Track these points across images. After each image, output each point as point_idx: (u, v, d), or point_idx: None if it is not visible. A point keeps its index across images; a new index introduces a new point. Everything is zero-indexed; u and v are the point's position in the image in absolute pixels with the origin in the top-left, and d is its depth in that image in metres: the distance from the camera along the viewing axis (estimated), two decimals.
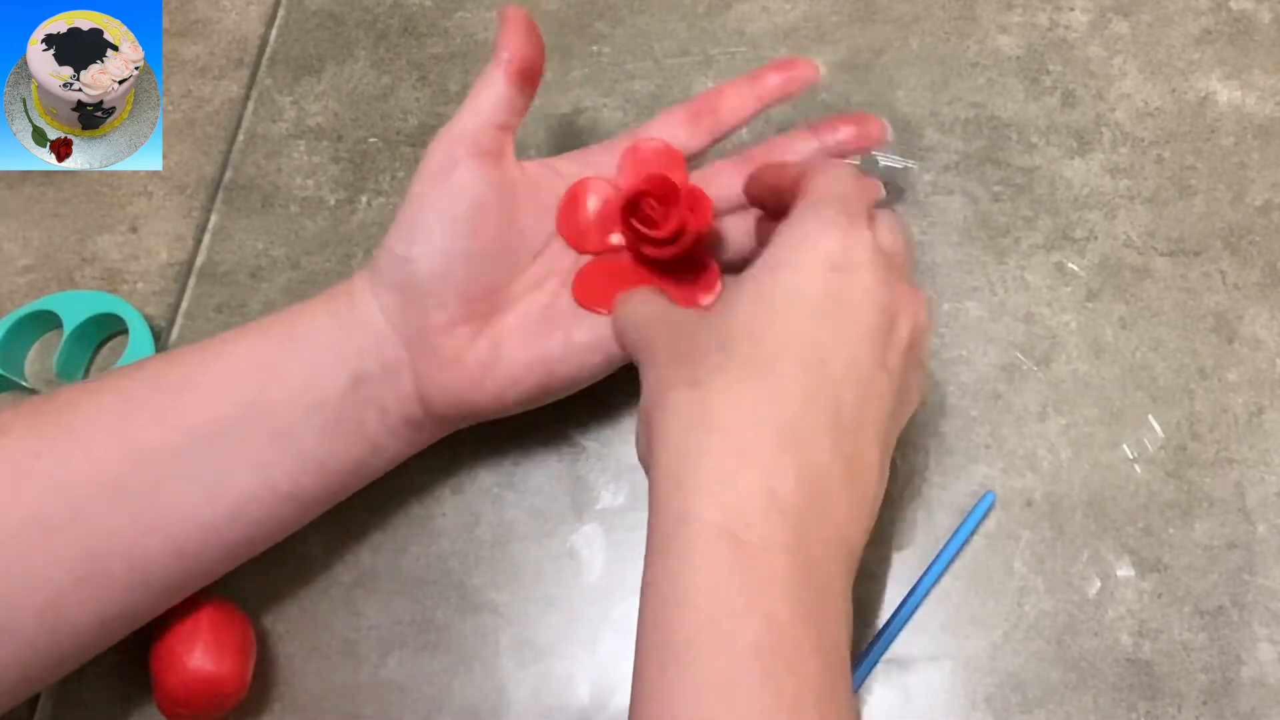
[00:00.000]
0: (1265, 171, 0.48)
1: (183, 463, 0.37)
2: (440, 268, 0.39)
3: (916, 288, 0.36)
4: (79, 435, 0.36)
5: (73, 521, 0.35)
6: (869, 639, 0.41)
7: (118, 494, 0.36)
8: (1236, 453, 0.43)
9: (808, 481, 0.31)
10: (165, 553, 0.37)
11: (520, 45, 0.40)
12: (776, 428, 0.31)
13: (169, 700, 0.39)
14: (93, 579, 0.36)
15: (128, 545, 0.36)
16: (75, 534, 0.35)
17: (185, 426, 0.37)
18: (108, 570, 0.36)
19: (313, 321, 0.39)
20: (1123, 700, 0.40)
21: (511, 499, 0.44)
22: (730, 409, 0.32)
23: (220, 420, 0.37)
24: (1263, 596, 0.41)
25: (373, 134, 0.52)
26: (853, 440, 0.32)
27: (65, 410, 0.37)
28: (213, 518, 0.37)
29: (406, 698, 0.41)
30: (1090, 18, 0.52)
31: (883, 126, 0.44)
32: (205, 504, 0.37)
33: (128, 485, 0.36)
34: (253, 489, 0.38)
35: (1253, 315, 0.46)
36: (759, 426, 0.31)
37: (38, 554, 0.35)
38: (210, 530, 0.38)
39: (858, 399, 0.32)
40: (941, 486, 0.43)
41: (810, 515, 0.31)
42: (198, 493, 0.37)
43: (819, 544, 0.31)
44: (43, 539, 0.35)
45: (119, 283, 0.50)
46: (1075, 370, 0.45)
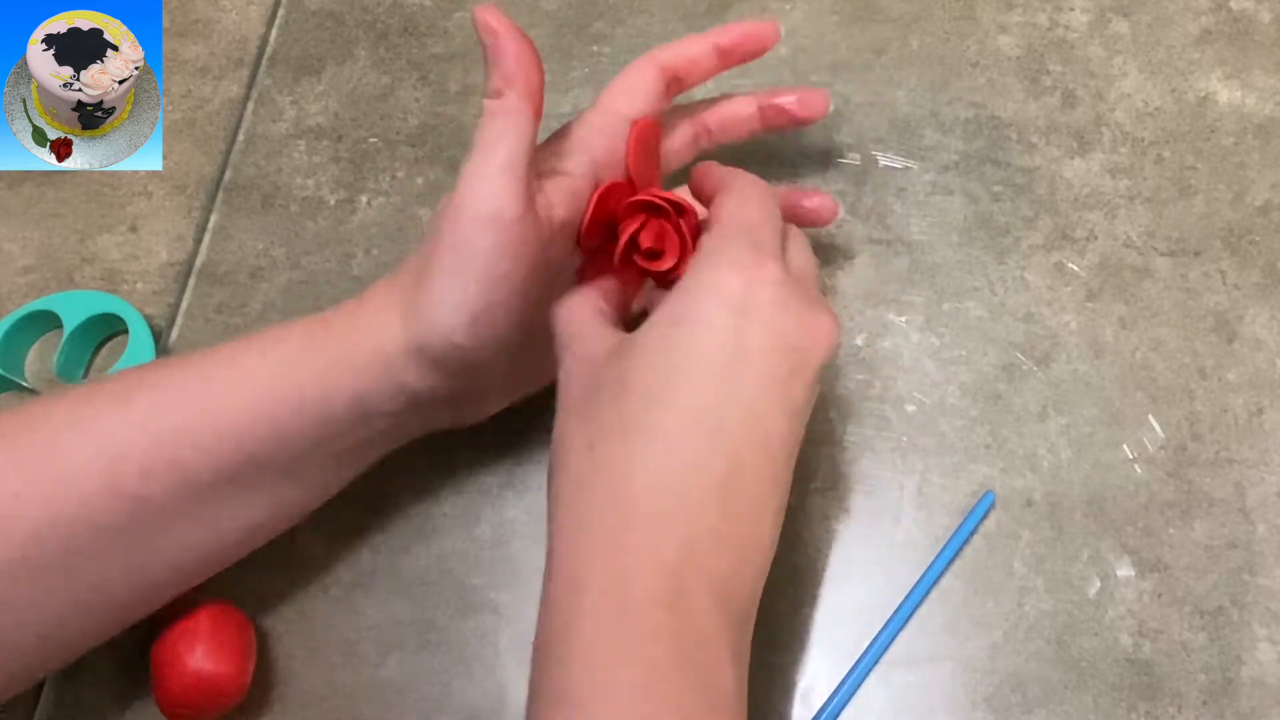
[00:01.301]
0: (1265, 171, 0.48)
1: (186, 506, 0.36)
2: (497, 359, 0.37)
3: (825, 307, 0.35)
4: (64, 476, 0.34)
5: (65, 563, 0.34)
6: (869, 639, 0.41)
7: (116, 538, 0.35)
8: (1236, 453, 0.43)
9: (691, 544, 0.31)
10: (169, 580, 0.37)
11: (529, 71, 0.36)
12: (663, 494, 0.31)
13: (169, 700, 0.39)
14: (95, 605, 0.35)
15: (129, 573, 0.36)
16: (70, 573, 0.34)
17: (187, 480, 0.35)
18: (109, 597, 0.36)
19: (319, 351, 0.37)
20: (1123, 700, 0.40)
21: (511, 499, 0.44)
22: (620, 474, 0.32)
23: (224, 470, 0.36)
24: (1263, 596, 0.41)
25: (373, 134, 0.52)
26: (746, 498, 0.32)
27: (45, 445, 0.35)
28: (220, 549, 0.38)
29: (406, 698, 0.41)
30: (1090, 18, 0.52)
31: (825, 99, 0.43)
32: (211, 538, 0.37)
33: (126, 530, 0.35)
34: (261, 519, 0.38)
35: (1253, 315, 0.46)
36: (647, 493, 0.31)
37: (32, 591, 0.34)
38: (214, 559, 0.38)
39: (756, 453, 0.32)
40: (942, 486, 0.43)
41: (692, 574, 0.31)
42: (201, 530, 0.36)
43: (702, 598, 0.31)
44: (34, 578, 0.34)
45: (119, 283, 0.50)
46: (1075, 370, 0.45)
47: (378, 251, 0.49)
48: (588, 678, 0.30)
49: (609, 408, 0.33)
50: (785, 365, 0.33)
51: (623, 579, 0.30)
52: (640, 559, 0.31)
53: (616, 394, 0.33)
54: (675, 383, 0.32)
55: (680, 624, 0.30)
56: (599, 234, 0.39)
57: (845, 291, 0.47)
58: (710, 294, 0.33)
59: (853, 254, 0.48)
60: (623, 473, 0.32)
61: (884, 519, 0.43)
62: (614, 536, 0.31)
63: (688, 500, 0.31)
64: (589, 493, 0.32)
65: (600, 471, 0.32)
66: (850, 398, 0.45)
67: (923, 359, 0.46)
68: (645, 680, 0.29)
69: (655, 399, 0.32)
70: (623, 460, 0.32)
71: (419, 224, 0.50)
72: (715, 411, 0.32)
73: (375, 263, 0.49)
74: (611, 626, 0.30)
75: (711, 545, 0.31)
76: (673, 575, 0.30)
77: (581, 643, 0.30)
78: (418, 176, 0.51)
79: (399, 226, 0.50)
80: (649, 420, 0.32)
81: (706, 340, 0.32)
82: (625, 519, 0.31)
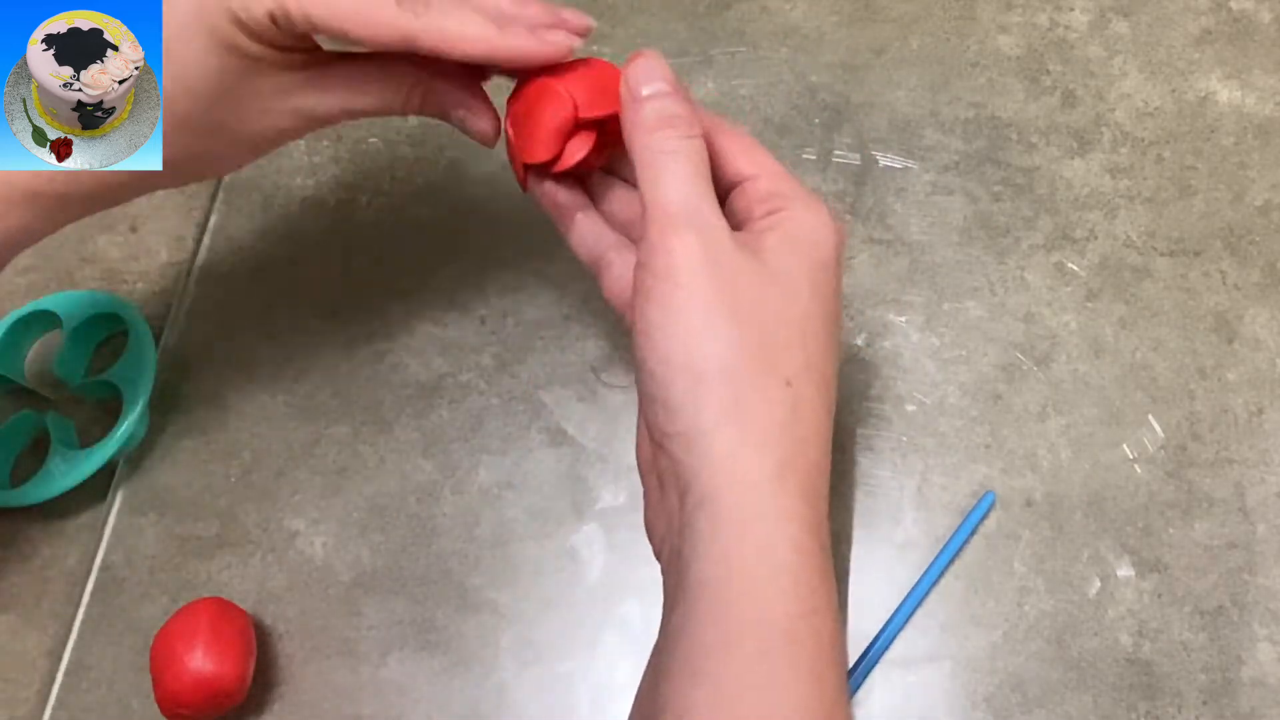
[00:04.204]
0: (1265, 171, 0.48)
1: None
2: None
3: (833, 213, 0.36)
4: None
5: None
6: (869, 639, 0.41)
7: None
8: (1236, 453, 0.43)
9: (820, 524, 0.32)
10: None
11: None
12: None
13: (169, 700, 0.39)
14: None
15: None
16: None
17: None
18: None
19: None
20: (1123, 700, 0.40)
21: (511, 499, 0.44)
22: (821, 410, 0.33)
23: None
24: (1263, 596, 0.41)
25: (372, 134, 0.52)
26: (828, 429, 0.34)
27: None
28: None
29: (406, 698, 0.41)
30: (1090, 18, 0.52)
31: (583, 19, 0.37)
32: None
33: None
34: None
35: (1253, 315, 0.46)
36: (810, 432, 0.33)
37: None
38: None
39: (830, 379, 0.34)
40: (942, 486, 0.43)
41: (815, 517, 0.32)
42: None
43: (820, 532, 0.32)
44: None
45: (119, 283, 0.50)
46: (1075, 370, 0.45)
47: (378, 251, 0.49)
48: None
49: (799, 344, 0.33)
50: (838, 291, 0.35)
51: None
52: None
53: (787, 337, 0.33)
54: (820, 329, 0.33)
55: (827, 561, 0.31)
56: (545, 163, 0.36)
57: (845, 291, 0.47)
58: (817, 233, 0.34)
59: (853, 254, 0.48)
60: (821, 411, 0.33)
61: (884, 519, 0.43)
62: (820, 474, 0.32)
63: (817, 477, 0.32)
64: (789, 437, 0.32)
65: (800, 412, 0.32)
66: (850, 398, 0.45)
67: (923, 359, 0.46)
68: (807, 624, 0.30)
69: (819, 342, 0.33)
70: (814, 401, 0.33)
71: (419, 224, 0.50)
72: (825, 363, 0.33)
73: (375, 262, 0.49)
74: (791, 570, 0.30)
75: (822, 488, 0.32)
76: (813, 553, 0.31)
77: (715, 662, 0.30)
78: (418, 177, 0.51)
79: (399, 225, 0.50)
80: (816, 364, 0.33)
81: (823, 285, 0.34)
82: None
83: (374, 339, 0.47)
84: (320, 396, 0.46)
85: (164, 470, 0.45)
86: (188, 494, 0.45)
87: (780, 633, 0.30)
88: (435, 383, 0.46)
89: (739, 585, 0.30)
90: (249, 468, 0.45)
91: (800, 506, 0.31)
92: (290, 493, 0.45)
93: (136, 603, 0.43)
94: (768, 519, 0.30)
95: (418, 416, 0.46)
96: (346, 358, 0.47)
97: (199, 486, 0.45)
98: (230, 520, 0.44)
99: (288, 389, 0.46)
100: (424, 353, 0.47)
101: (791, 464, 0.31)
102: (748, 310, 0.32)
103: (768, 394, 0.31)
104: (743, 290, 0.32)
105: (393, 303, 0.48)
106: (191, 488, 0.45)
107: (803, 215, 0.34)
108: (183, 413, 0.46)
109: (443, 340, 0.47)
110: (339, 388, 0.46)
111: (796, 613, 0.30)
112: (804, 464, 0.32)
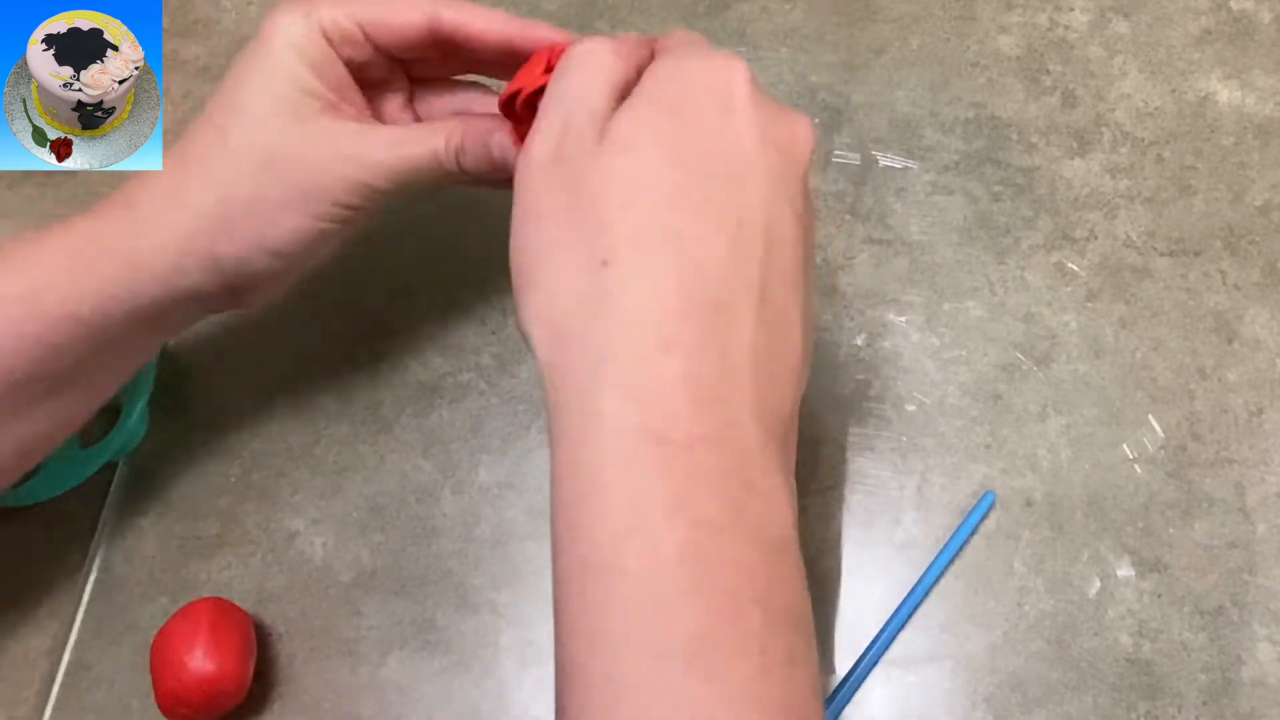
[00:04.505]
0: (1265, 171, 0.48)
1: None
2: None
3: (793, 108, 0.32)
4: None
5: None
6: (869, 639, 0.41)
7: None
8: (1236, 453, 0.43)
9: (734, 362, 0.28)
10: None
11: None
12: (699, 307, 0.28)
13: (169, 700, 0.39)
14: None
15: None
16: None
17: None
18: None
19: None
20: (1123, 700, 0.40)
21: (511, 499, 0.44)
22: (646, 289, 0.28)
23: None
24: (1263, 596, 0.41)
25: None
26: (776, 303, 0.29)
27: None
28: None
29: (406, 698, 0.41)
30: (1090, 18, 0.52)
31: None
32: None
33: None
34: (46, 430, 0.37)
35: (1253, 315, 0.46)
36: (680, 309, 0.28)
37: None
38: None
39: (778, 253, 0.29)
40: (941, 486, 0.43)
41: (737, 398, 0.28)
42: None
43: (750, 428, 0.28)
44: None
45: None
46: (1075, 370, 0.45)
47: (378, 251, 0.49)
48: (633, 538, 0.26)
49: (615, 210, 0.29)
50: (779, 162, 0.30)
51: (660, 413, 0.27)
52: (678, 388, 0.27)
53: (622, 192, 0.29)
54: (690, 180, 0.29)
55: (730, 462, 0.27)
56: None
57: (845, 291, 0.47)
58: (695, 86, 0.30)
59: (853, 254, 0.48)
60: (648, 286, 0.28)
61: (884, 519, 0.43)
62: (646, 362, 0.27)
63: (725, 311, 0.28)
64: (603, 317, 0.28)
65: (621, 287, 0.28)
66: (850, 398, 0.45)
67: (923, 359, 0.46)
68: (693, 538, 0.26)
69: (670, 201, 0.29)
70: (646, 271, 0.28)
71: (419, 224, 0.50)
72: (732, 214, 0.29)
73: (375, 262, 0.49)
74: (652, 476, 0.27)
75: (751, 360, 0.28)
76: (718, 401, 0.27)
77: (613, 496, 0.27)
78: None
79: (398, 226, 0.50)
80: (669, 222, 0.28)
81: (705, 137, 0.30)
82: (660, 340, 0.28)
83: (374, 339, 0.47)
84: (320, 396, 0.46)
85: (164, 470, 0.45)
86: (188, 494, 0.45)
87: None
88: (435, 383, 0.46)
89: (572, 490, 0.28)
90: (249, 468, 0.45)
91: (618, 406, 0.27)
92: (290, 493, 0.45)
93: (136, 603, 0.43)
94: (589, 423, 0.28)
95: (418, 416, 0.46)
96: (346, 358, 0.47)
97: (199, 486, 0.45)
98: (230, 520, 0.44)
99: (288, 389, 0.46)
100: (424, 353, 0.47)
101: (608, 354, 0.28)
102: (567, 200, 0.29)
103: (566, 275, 0.29)
104: (572, 178, 0.30)
105: (393, 303, 0.48)
106: (191, 488, 0.45)
107: (659, 69, 0.32)
108: (182, 413, 0.46)
109: (443, 340, 0.47)
110: (339, 388, 0.46)
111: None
112: (624, 351, 0.28)
